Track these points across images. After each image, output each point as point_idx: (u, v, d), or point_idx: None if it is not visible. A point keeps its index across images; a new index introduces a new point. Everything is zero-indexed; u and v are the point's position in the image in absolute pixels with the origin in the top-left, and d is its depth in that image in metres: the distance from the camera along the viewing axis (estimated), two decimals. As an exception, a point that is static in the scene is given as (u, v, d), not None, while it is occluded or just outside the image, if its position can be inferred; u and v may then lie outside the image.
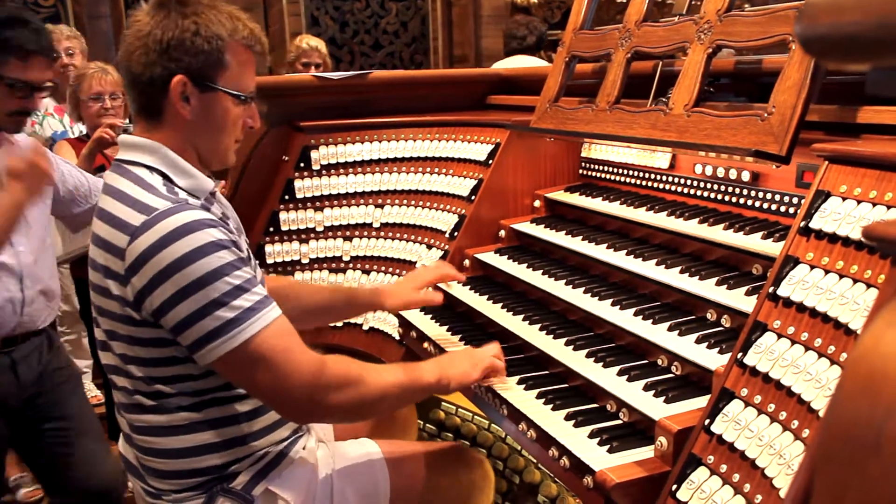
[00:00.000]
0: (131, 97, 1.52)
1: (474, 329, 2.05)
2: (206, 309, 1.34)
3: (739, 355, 1.31)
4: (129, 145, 1.51)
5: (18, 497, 3.49)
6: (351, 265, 2.59)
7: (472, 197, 2.39)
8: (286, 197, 2.64)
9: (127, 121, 3.05)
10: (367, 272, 2.57)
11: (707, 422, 1.29)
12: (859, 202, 1.25)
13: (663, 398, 1.45)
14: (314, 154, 2.65)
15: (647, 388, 1.49)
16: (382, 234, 2.59)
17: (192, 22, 1.44)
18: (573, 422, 1.52)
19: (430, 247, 2.46)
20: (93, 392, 3.96)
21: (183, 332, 1.37)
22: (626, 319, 1.69)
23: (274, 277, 2.07)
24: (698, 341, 1.52)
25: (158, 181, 1.45)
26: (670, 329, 1.59)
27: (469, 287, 2.21)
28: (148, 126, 1.51)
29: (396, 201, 2.61)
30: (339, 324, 2.45)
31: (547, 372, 1.76)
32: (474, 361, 1.67)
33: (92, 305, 1.53)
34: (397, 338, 2.30)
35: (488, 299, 2.10)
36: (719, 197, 1.85)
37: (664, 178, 2.05)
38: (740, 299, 1.52)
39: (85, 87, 3.05)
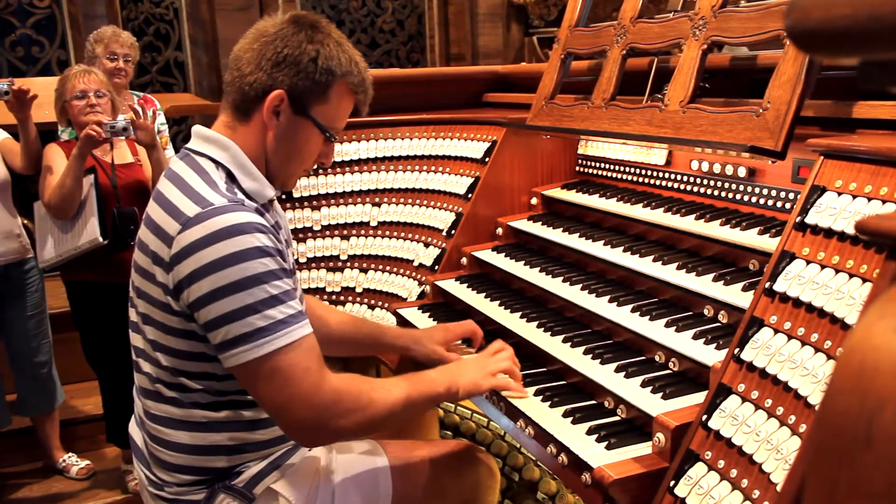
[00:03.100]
0: (228, 90, 1.52)
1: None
2: (237, 313, 1.34)
3: (736, 351, 1.31)
4: (203, 137, 1.52)
5: (73, 475, 3.50)
6: (348, 264, 2.59)
7: (469, 195, 2.39)
8: (283, 196, 2.64)
9: (121, 117, 3.03)
10: (364, 271, 2.57)
11: (704, 417, 1.29)
12: (855, 197, 1.25)
13: (661, 394, 1.45)
14: (311, 153, 2.64)
15: (644, 384, 1.49)
16: (380, 232, 2.59)
17: (314, 48, 1.47)
18: (571, 418, 1.52)
19: (427, 245, 2.46)
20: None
21: (212, 331, 1.37)
22: (624, 316, 1.69)
23: (326, 305, 2.05)
24: (695, 337, 1.52)
25: (221, 177, 1.46)
26: (667, 325, 1.59)
27: (467, 285, 2.21)
28: (231, 122, 1.52)
29: (394, 200, 2.61)
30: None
31: (545, 369, 1.76)
32: (485, 371, 1.64)
33: (130, 286, 1.54)
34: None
35: (486, 297, 2.10)
36: (716, 193, 1.85)
37: (661, 174, 2.05)
38: (737, 295, 1.52)
39: (69, 88, 3.03)
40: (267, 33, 1.48)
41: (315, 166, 1.76)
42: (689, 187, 1.95)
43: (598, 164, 2.32)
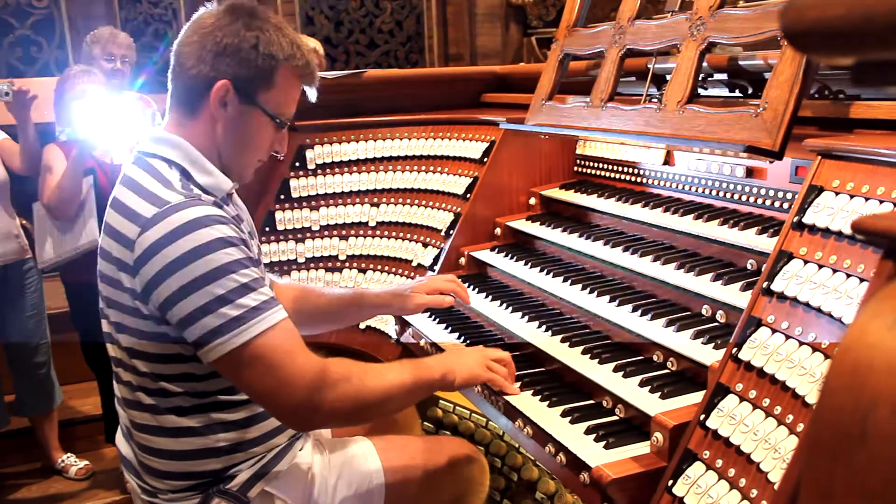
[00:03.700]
0: (172, 86, 1.52)
1: (471, 327, 2.05)
2: (210, 305, 1.33)
3: (734, 350, 1.31)
4: (153, 138, 1.51)
5: (72, 475, 3.49)
6: (347, 264, 2.60)
7: (468, 195, 2.39)
8: (282, 196, 2.64)
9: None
10: (363, 271, 2.57)
11: (702, 417, 1.30)
12: (852, 196, 1.25)
13: (659, 394, 1.45)
14: (309, 153, 2.65)
15: (642, 384, 1.50)
16: (378, 232, 2.59)
17: (254, 35, 1.45)
18: (569, 418, 1.52)
19: (426, 245, 2.46)
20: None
21: (187, 329, 1.36)
22: (622, 315, 1.69)
23: (279, 283, 2.05)
24: (694, 337, 1.52)
25: (175, 176, 1.45)
26: (666, 325, 1.59)
27: (466, 285, 2.20)
28: (180, 119, 1.51)
29: (392, 200, 2.61)
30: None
31: (543, 369, 1.76)
32: (482, 361, 1.64)
33: (100, 297, 1.53)
34: (394, 336, 2.30)
35: (485, 297, 2.10)
36: (714, 193, 1.86)
37: (659, 174, 2.05)
38: (735, 295, 1.53)
39: (68, 88, 3.04)
40: (205, 25, 1.47)
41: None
42: (687, 187, 1.95)
43: (596, 165, 2.32)
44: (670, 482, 1.28)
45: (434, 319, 2.12)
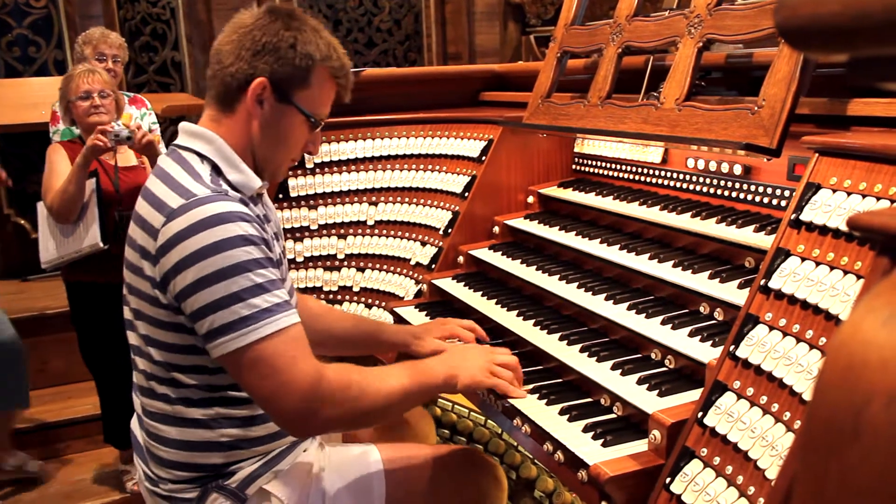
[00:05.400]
0: (211, 83, 1.54)
1: (469, 325, 2.05)
2: (222, 301, 1.35)
3: (732, 348, 1.31)
4: (188, 132, 1.54)
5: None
6: (346, 263, 2.60)
7: (466, 193, 2.39)
8: (280, 196, 2.64)
9: (120, 123, 3.03)
10: (361, 270, 2.57)
11: (700, 414, 1.30)
12: (849, 194, 1.25)
13: (657, 392, 1.45)
14: (308, 152, 2.65)
15: (640, 381, 1.50)
16: (377, 231, 2.59)
17: (292, 35, 1.49)
18: (567, 416, 1.52)
19: (424, 244, 2.46)
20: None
21: (198, 321, 1.38)
22: (620, 314, 1.69)
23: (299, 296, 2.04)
24: (691, 335, 1.52)
25: (206, 170, 1.47)
26: (663, 323, 1.59)
27: (463, 283, 2.21)
28: (216, 115, 1.53)
29: (390, 199, 2.61)
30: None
31: (541, 367, 1.76)
32: (486, 365, 1.62)
33: (123, 283, 1.55)
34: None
35: (483, 295, 2.10)
36: (711, 191, 1.86)
37: (657, 172, 2.05)
38: (733, 292, 1.53)
39: (73, 88, 3.03)
40: (244, 24, 1.50)
41: (302, 156, 1.76)
42: (685, 185, 1.95)
43: (594, 163, 2.32)
44: (668, 480, 1.28)
45: (432, 318, 2.12)
